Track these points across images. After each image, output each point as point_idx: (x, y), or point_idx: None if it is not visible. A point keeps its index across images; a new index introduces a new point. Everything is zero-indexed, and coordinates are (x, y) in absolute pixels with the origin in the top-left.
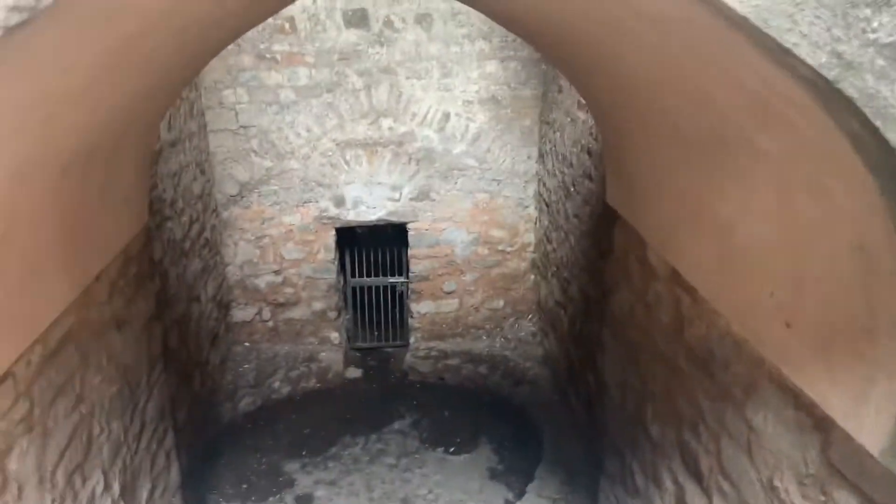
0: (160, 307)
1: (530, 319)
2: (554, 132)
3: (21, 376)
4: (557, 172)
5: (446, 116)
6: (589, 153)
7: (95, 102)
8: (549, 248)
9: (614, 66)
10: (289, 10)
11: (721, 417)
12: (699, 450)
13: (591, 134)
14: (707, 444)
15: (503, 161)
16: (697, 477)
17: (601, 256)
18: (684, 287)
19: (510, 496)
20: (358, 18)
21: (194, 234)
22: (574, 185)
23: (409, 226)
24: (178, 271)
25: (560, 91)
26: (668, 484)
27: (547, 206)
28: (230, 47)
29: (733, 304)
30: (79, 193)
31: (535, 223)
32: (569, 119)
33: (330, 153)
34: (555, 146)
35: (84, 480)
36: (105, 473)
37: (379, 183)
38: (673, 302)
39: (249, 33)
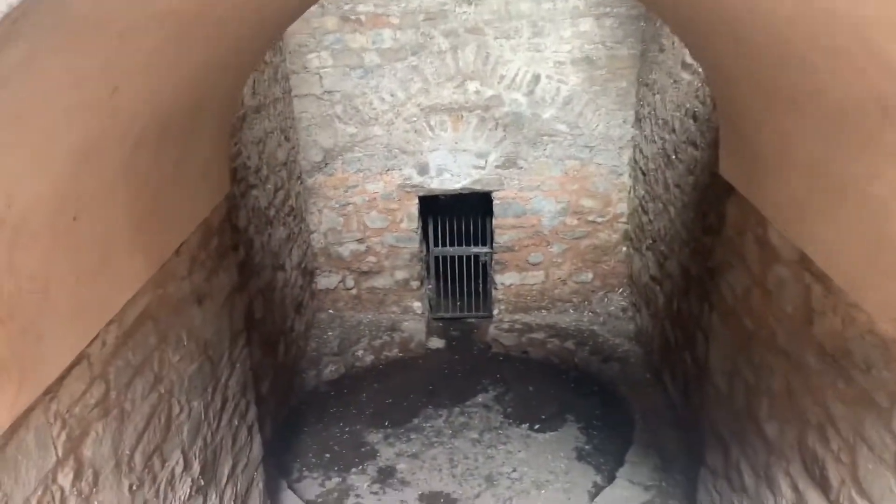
0: (245, 277)
1: (621, 294)
2: (654, 95)
3: (96, 358)
4: (657, 138)
5: (536, 78)
6: (694, 118)
7: (164, 72)
8: (644, 219)
9: (740, 17)
10: None
11: (858, 426)
12: (827, 457)
13: (697, 97)
14: (838, 452)
15: (596, 126)
16: (823, 487)
17: (706, 232)
18: (816, 274)
19: (599, 479)
20: None
21: (279, 201)
22: (676, 153)
23: (494, 194)
24: (263, 240)
25: (662, 50)
26: (785, 488)
27: (643, 174)
28: (314, 9)
29: (882, 300)
30: (153, 168)
31: (630, 192)
32: (671, 81)
33: (414, 119)
34: (654, 110)
35: (163, 462)
36: (185, 453)
37: (464, 150)
38: (801, 290)
39: None
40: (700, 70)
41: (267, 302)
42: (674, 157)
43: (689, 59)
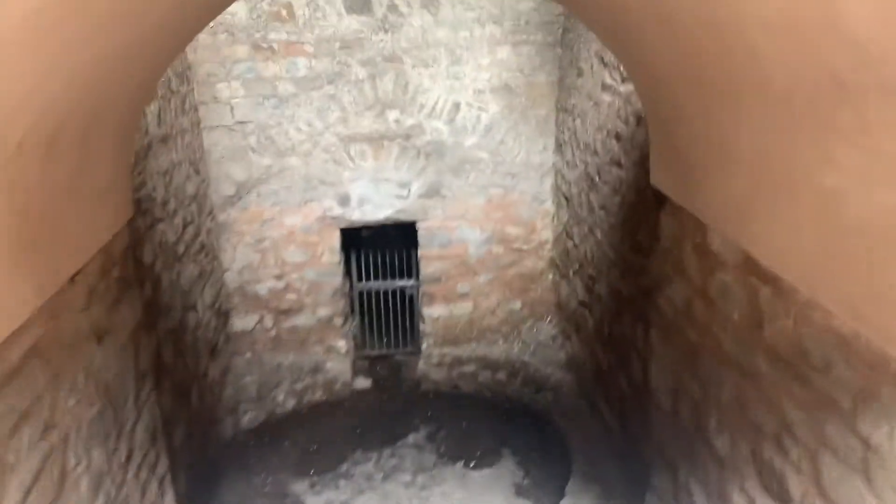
0: (152, 316)
1: (550, 322)
2: (573, 120)
3: None
4: (579, 162)
5: (456, 107)
6: (617, 138)
7: (50, 64)
8: (569, 244)
9: (671, 7)
10: None
11: (819, 431)
12: (786, 468)
13: (619, 117)
14: (798, 462)
15: (518, 153)
16: (783, 500)
17: (636, 250)
18: (763, 276)
19: None
20: (360, 3)
21: (189, 237)
22: (600, 175)
23: (418, 225)
24: (172, 277)
25: (580, 75)
26: None
27: (566, 199)
28: (223, 37)
29: (841, 294)
30: (40, 182)
31: (553, 219)
32: (592, 103)
33: (333, 148)
34: (575, 134)
35: None
36: None
37: (386, 179)
38: (747, 294)
39: (244, 21)
40: (621, 90)
41: (177, 345)
42: (597, 179)
43: (608, 81)
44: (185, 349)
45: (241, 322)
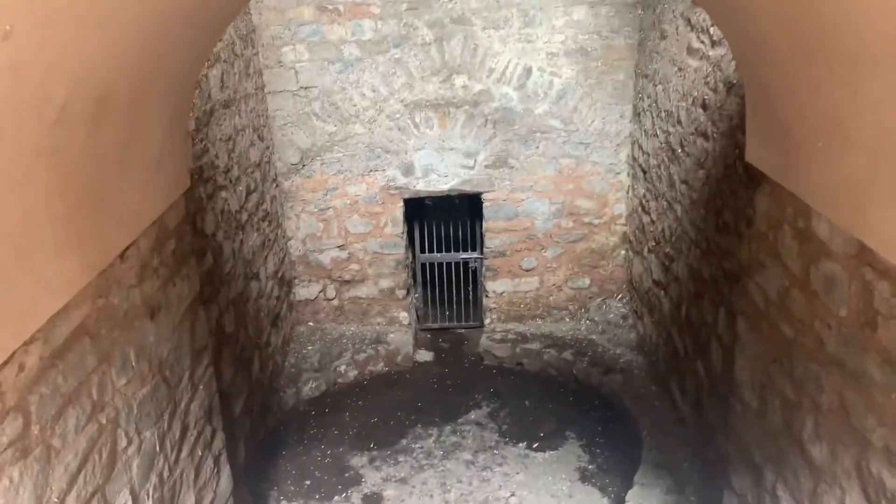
0: (213, 286)
1: (620, 300)
2: (654, 86)
3: (10, 385)
4: (659, 132)
5: (527, 71)
6: (704, 107)
7: (91, 20)
8: (645, 220)
9: None
10: None
11: None
12: None
13: (707, 84)
14: None
15: (592, 121)
16: None
17: (721, 230)
18: (880, 269)
19: (606, 503)
20: None
21: (252, 205)
22: (683, 146)
23: (484, 196)
24: (235, 246)
25: (664, 37)
26: None
27: (643, 172)
28: None
29: None
30: (88, 150)
31: (628, 192)
32: (676, 69)
33: (398, 116)
34: (656, 102)
35: None
36: (135, 493)
37: (451, 148)
38: (858, 289)
39: None
40: (710, 54)
41: (239, 314)
42: (680, 150)
43: (695, 44)
44: (247, 318)
45: (305, 291)
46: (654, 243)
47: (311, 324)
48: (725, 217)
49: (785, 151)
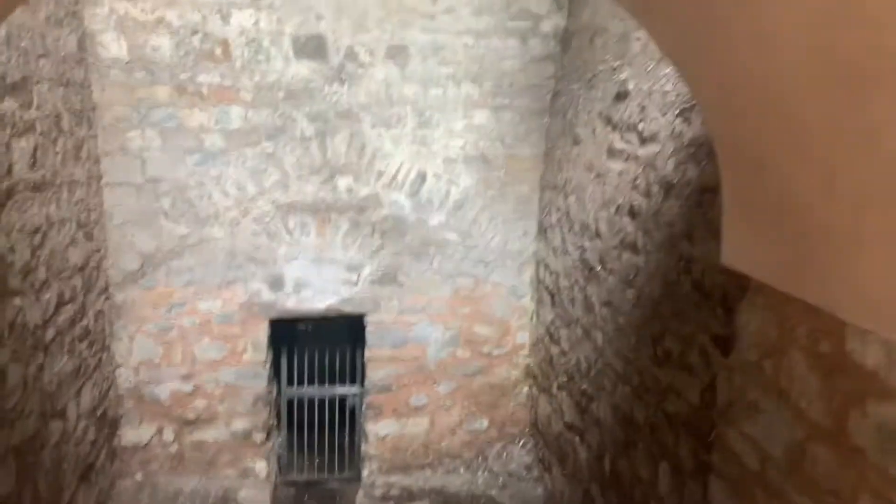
0: None
1: (524, 447)
2: (565, 198)
3: None
4: (572, 249)
5: (422, 177)
6: (632, 215)
7: None
8: (553, 350)
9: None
10: (222, 32)
11: None
12: None
13: (635, 188)
14: None
15: (493, 237)
16: None
17: (662, 362)
18: None
19: None
20: (312, 47)
21: (64, 320)
22: (603, 263)
23: (367, 318)
24: (28, 372)
25: (576, 143)
26: None
27: (551, 295)
28: (140, 75)
29: None
30: None
31: (532, 318)
32: (593, 175)
33: (267, 218)
34: (567, 215)
35: None
36: None
37: (331, 260)
38: None
39: (168, 58)
40: (639, 153)
41: (25, 467)
42: (599, 268)
43: (618, 145)
44: (39, 472)
45: (134, 434)
46: (565, 378)
47: (138, 477)
48: (667, 345)
49: (793, 247)
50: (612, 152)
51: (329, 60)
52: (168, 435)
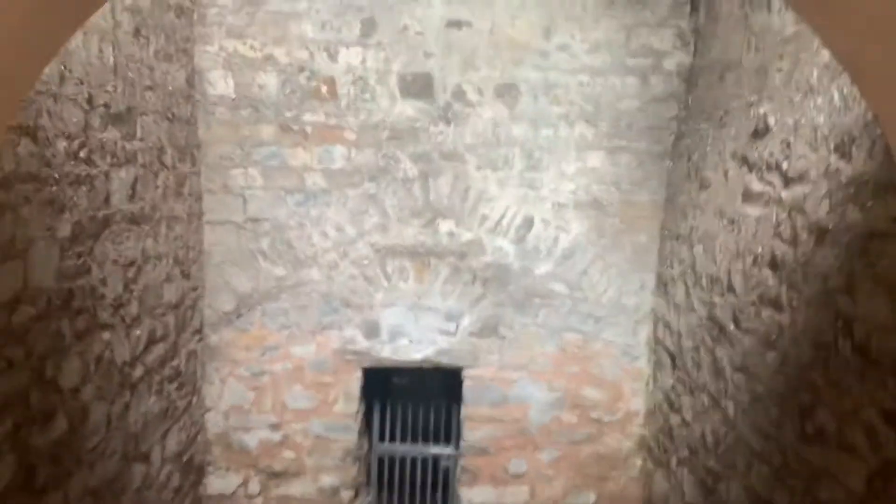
0: (62, 468)
1: None
2: (690, 248)
3: None
4: (698, 305)
5: (528, 223)
6: (774, 266)
7: None
8: (674, 420)
9: None
10: (329, 70)
11: None
12: None
13: (777, 235)
14: None
15: (605, 290)
16: None
17: (811, 440)
18: None
19: None
20: (419, 86)
21: (154, 359)
22: (737, 322)
23: (465, 372)
24: (113, 411)
25: (704, 187)
26: None
27: (671, 357)
28: (245, 113)
29: None
30: None
31: (648, 383)
32: (725, 222)
33: (365, 262)
34: (692, 268)
35: None
36: None
37: (429, 308)
38: None
39: (273, 96)
40: (782, 196)
41: None
42: (732, 327)
43: (756, 187)
44: None
45: (220, 483)
46: (687, 453)
47: None
48: (819, 420)
49: None
50: (748, 196)
51: (436, 99)
52: (254, 486)
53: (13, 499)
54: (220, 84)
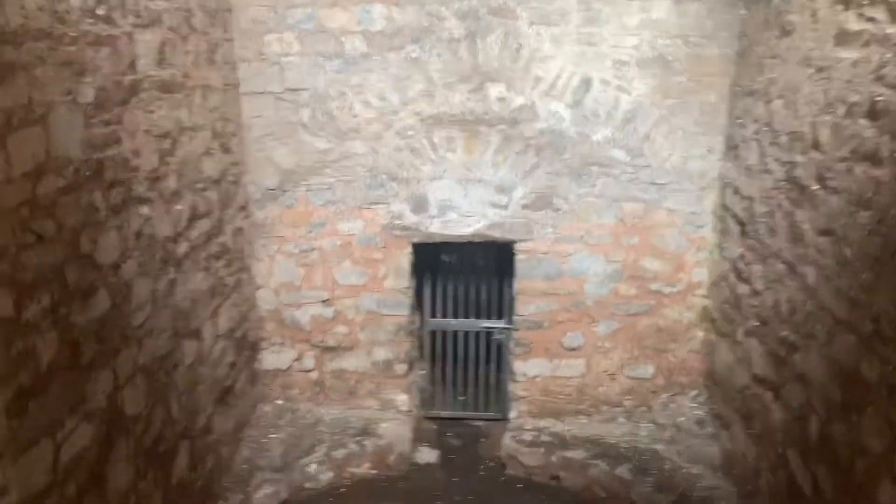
0: (109, 345)
1: (695, 399)
2: (767, 104)
3: None
4: (774, 166)
5: (586, 84)
6: (873, 115)
7: None
8: (741, 290)
9: None
10: None
11: None
12: None
13: (879, 79)
14: None
15: (669, 155)
16: None
17: None
18: None
19: None
20: None
21: (199, 235)
22: (823, 180)
23: (518, 246)
24: (158, 288)
25: (786, 33)
26: None
27: (740, 224)
28: None
29: None
30: None
31: (712, 252)
32: (812, 70)
33: (411, 133)
34: (769, 125)
35: None
36: None
37: (479, 180)
38: None
39: None
40: (889, 32)
41: (156, 388)
42: (816, 187)
43: (854, 26)
44: (171, 394)
45: (274, 358)
46: (756, 323)
47: (279, 402)
48: None
49: None
50: (843, 37)
51: None
52: (308, 361)
53: (61, 376)
54: None
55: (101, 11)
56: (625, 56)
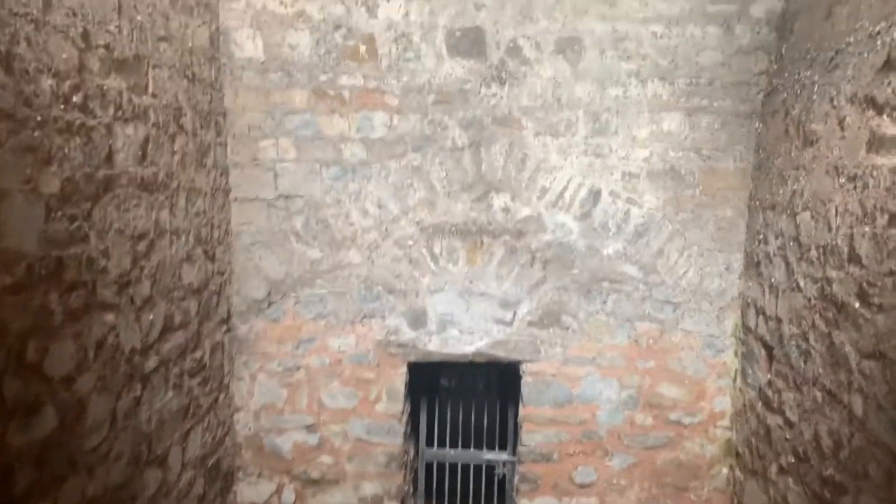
0: (48, 473)
1: None
2: (792, 217)
3: None
4: (805, 283)
5: (595, 196)
6: None
7: None
8: (772, 421)
9: None
10: (368, 26)
11: None
12: None
13: None
14: None
15: (684, 272)
16: None
17: None
18: None
19: None
20: (469, 42)
21: (172, 349)
22: (864, 298)
23: (524, 367)
24: (118, 406)
25: (810, 143)
26: None
27: (767, 348)
28: (276, 77)
29: None
30: None
31: (736, 379)
32: (842, 180)
33: (410, 243)
34: (796, 240)
35: None
36: None
37: (482, 293)
38: None
39: (306, 57)
40: None
41: None
42: (857, 305)
43: (890, 131)
44: None
45: (250, 491)
46: (792, 459)
47: None
48: None
49: None
50: (878, 143)
51: (488, 57)
52: (288, 495)
53: None
54: (247, 45)
55: (76, 99)
56: (635, 168)
